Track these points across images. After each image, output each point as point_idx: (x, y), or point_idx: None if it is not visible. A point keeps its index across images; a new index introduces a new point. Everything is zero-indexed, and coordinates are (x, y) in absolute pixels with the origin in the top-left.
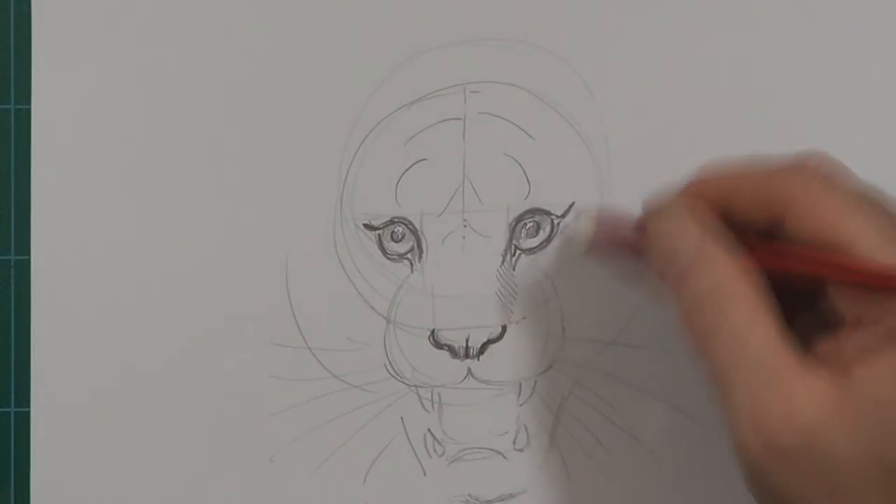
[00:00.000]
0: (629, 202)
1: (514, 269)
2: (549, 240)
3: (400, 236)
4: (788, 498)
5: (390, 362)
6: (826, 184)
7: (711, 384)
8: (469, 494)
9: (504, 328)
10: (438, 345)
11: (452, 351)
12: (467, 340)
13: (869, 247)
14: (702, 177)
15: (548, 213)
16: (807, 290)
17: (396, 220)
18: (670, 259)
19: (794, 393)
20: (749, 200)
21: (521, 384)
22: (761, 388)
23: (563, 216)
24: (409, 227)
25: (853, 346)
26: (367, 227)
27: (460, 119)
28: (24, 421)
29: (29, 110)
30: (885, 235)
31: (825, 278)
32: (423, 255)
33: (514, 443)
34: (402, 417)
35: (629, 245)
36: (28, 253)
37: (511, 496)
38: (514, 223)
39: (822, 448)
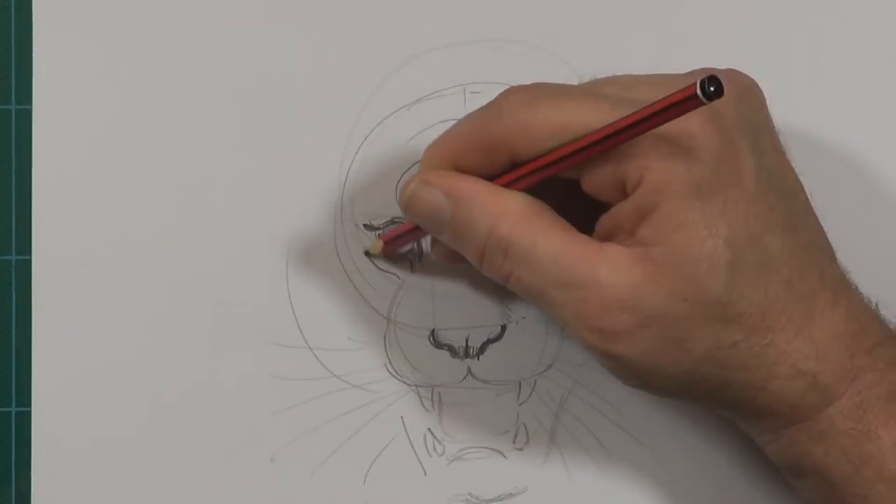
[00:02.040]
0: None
1: None
2: None
3: None
4: (645, 367)
5: (390, 362)
6: (529, 102)
7: (536, 307)
8: (469, 494)
9: (504, 328)
10: (438, 344)
11: (452, 350)
12: (467, 340)
13: (586, 123)
14: (429, 151)
15: None
16: (569, 192)
17: (396, 220)
18: (435, 221)
19: (599, 278)
20: (476, 154)
21: (520, 384)
22: (572, 290)
23: None
24: None
25: (626, 213)
26: (367, 227)
27: None
28: (24, 421)
29: (30, 110)
30: (605, 107)
31: (576, 168)
32: (423, 255)
33: (514, 442)
34: (402, 417)
35: (406, 234)
36: (28, 253)
37: (511, 496)
38: None
39: (649, 310)
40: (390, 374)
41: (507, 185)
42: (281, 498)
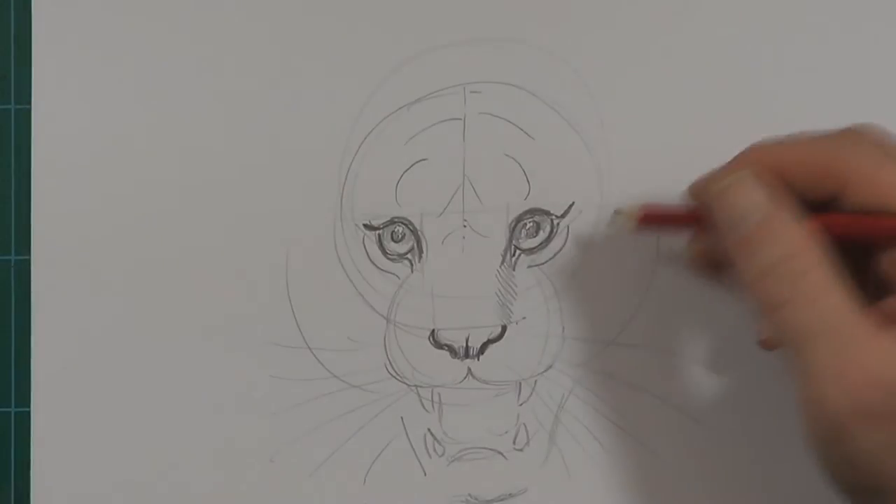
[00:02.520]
0: (629, 202)
1: (513, 269)
2: (548, 240)
3: (400, 236)
4: (866, 459)
5: (390, 362)
6: (884, 154)
7: (786, 346)
8: (469, 494)
9: (504, 328)
10: (438, 345)
11: (452, 351)
12: (467, 340)
13: None
14: (756, 148)
15: (547, 213)
16: (853, 257)
17: (396, 220)
18: (738, 221)
19: (873, 352)
20: (805, 173)
21: (521, 384)
22: (842, 351)
23: (562, 216)
24: (410, 227)
25: None
26: (368, 227)
27: (460, 119)
28: (24, 421)
29: (29, 110)
30: None
31: (886, 240)
32: (423, 255)
33: (514, 442)
34: (402, 417)
35: (676, 218)
36: (28, 253)
37: (511, 496)
38: (513, 223)
39: None
40: (390, 374)
41: (814, 219)
42: (281, 498)
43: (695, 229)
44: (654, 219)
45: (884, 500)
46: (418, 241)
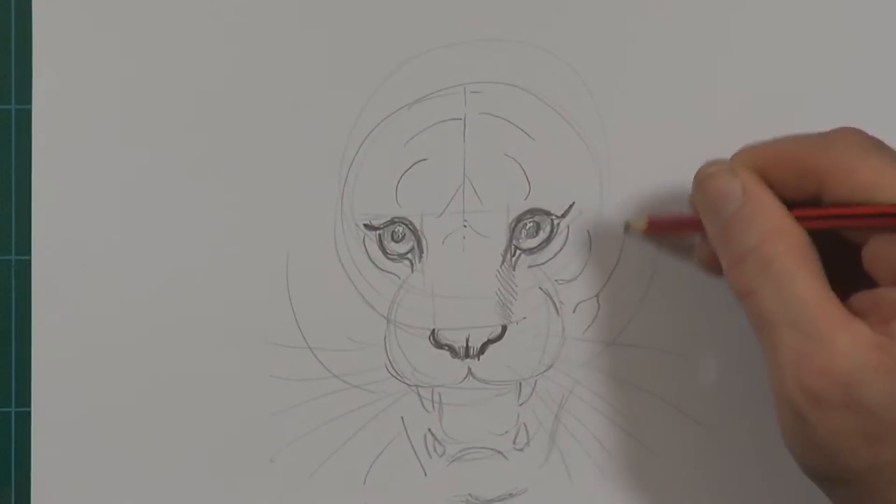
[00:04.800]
0: (629, 202)
1: (514, 269)
2: (548, 240)
3: (400, 236)
4: (826, 447)
5: (390, 362)
6: (861, 151)
7: (756, 333)
8: (469, 494)
9: (504, 328)
10: (439, 345)
11: (453, 351)
12: (467, 340)
13: None
14: (743, 149)
15: (548, 213)
16: (840, 251)
17: (397, 220)
18: (717, 207)
19: (835, 344)
20: (787, 172)
21: (521, 384)
22: (804, 338)
23: (563, 216)
24: (410, 227)
25: (891, 300)
26: (368, 227)
27: (460, 119)
28: (24, 421)
29: (29, 110)
30: None
31: (868, 229)
32: (424, 255)
33: (514, 442)
34: (402, 417)
35: (681, 224)
36: (28, 253)
37: (511, 496)
38: (514, 223)
39: (862, 397)
40: (390, 374)
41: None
42: (281, 498)
43: (700, 233)
44: (659, 226)
45: (846, 487)
46: (418, 241)
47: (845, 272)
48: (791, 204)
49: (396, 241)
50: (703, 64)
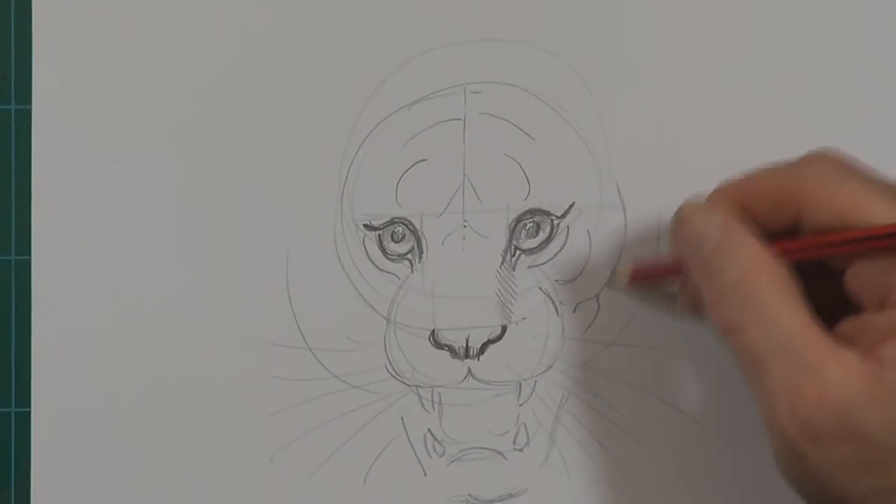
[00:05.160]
0: (629, 202)
1: (513, 270)
2: (548, 240)
3: (400, 236)
4: (824, 477)
5: (390, 362)
6: (838, 174)
7: (742, 369)
8: (469, 494)
9: (504, 328)
10: (438, 345)
11: (452, 351)
12: (467, 340)
13: (887, 220)
14: (720, 186)
15: (547, 213)
16: (823, 280)
17: (397, 220)
18: (696, 246)
19: (826, 373)
20: (765, 204)
21: (521, 384)
22: (794, 370)
23: (562, 216)
24: (410, 227)
25: (878, 326)
26: (368, 227)
27: (460, 119)
28: (24, 421)
29: (29, 110)
30: None
31: (848, 255)
32: (424, 256)
33: (514, 443)
34: (402, 417)
35: (667, 270)
36: (28, 253)
37: (511, 496)
38: (513, 223)
39: (857, 426)
40: (390, 374)
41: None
42: (281, 498)
43: (683, 277)
44: (644, 274)
45: None
46: (418, 242)
47: (829, 301)
48: (773, 234)
49: (396, 242)
50: (704, 64)
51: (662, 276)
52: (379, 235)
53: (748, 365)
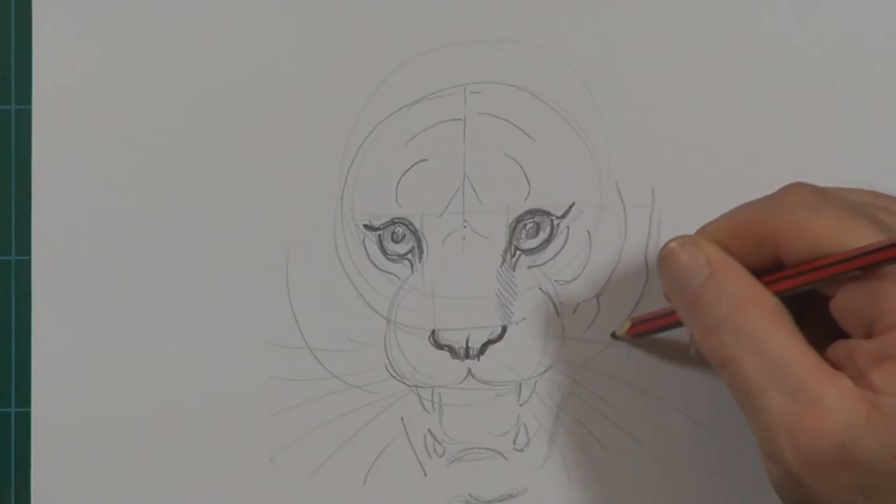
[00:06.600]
0: (629, 202)
1: (513, 270)
2: (548, 240)
3: (400, 237)
4: (822, 498)
5: (390, 362)
6: (812, 206)
7: (738, 401)
8: (469, 494)
9: (504, 328)
10: (438, 345)
11: (452, 351)
12: (467, 341)
13: (864, 242)
14: (700, 229)
15: (548, 213)
16: (809, 314)
17: (397, 220)
18: (684, 281)
19: (823, 402)
20: (745, 241)
21: (521, 384)
22: (792, 401)
23: (563, 216)
24: (410, 227)
25: (867, 352)
26: (368, 227)
27: (460, 120)
28: (24, 421)
29: (29, 111)
30: (877, 230)
31: (830, 282)
32: (424, 256)
33: (514, 443)
34: (402, 418)
35: (664, 319)
36: (28, 253)
37: (511, 496)
38: (513, 224)
39: (856, 454)
40: (390, 374)
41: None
42: (281, 498)
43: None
44: (642, 327)
45: None
46: (418, 242)
47: (817, 332)
48: (756, 272)
49: (396, 242)
50: (704, 64)
51: (662, 326)
52: (379, 236)
53: (745, 396)
